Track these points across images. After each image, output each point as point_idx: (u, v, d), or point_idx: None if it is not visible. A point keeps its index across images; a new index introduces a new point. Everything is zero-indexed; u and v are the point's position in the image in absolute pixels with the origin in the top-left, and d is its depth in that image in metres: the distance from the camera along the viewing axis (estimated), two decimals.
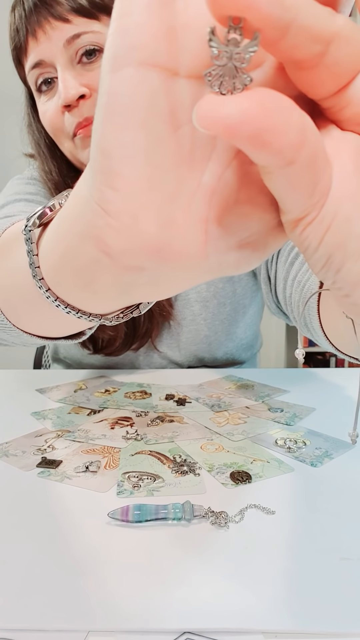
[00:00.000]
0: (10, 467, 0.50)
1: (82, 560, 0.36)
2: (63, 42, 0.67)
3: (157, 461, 0.50)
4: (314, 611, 0.31)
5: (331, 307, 0.54)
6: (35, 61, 0.69)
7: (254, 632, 0.30)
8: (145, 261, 0.22)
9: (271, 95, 0.17)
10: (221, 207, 0.22)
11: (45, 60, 0.68)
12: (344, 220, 0.19)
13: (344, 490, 0.45)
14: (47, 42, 0.67)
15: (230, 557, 0.36)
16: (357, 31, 0.18)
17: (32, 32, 0.67)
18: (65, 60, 0.68)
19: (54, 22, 0.66)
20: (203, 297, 0.83)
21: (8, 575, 0.35)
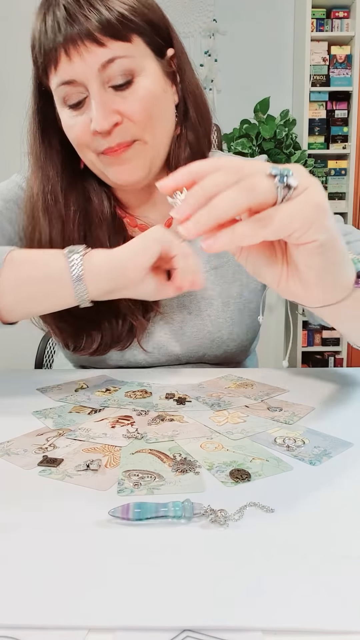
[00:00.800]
0: (11, 466, 0.50)
1: (83, 558, 0.37)
2: (98, 67, 0.67)
3: (157, 460, 0.50)
4: (313, 609, 0.32)
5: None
6: (67, 79, 0.69)
7: (253, 630, 0.30)
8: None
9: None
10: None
11: (77, 80, 0.68)
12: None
13: (342, 489, 0.45)
14: (81, 64, 0.67)
15: (230, 555, 0.37)
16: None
17: (66, 50, 0.67)
18: (99, 83, 0.68)
19: (89, 46, 0.66)
20: (209, 294, 0.84)
21: (9, 573, 0.35)
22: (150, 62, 0.71)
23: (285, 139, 2.55)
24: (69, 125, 0.73)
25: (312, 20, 2.90)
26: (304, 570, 0.35)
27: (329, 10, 2.95)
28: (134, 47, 0.69)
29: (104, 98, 0.69)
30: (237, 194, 0.40)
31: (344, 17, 2.95)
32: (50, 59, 0.69)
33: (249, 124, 2.58)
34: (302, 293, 0.49)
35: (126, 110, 0.70)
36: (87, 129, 0.71)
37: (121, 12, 0.66)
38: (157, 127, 0.73)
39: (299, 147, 2.64)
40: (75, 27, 0.66)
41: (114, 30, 0.66)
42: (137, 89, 0.70)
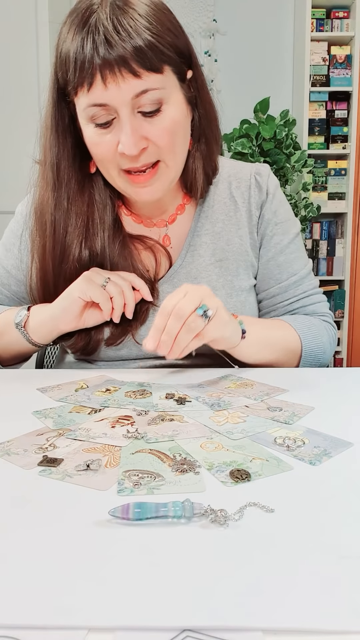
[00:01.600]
0: (11, 466, 0.50)
1: (83, 558, 0.37)
2: (132, 96, 0.71)
3: (157, 460, 0.50)
4: (313, 609, 0.32)
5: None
6: (100, 102, 0.72)
7: (253, 630, 0.30)
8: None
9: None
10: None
11: (110, 105, 0.72)
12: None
13: (342, 489, 0.45)
14: (116, 90, 0.70)
15: (230, 554, 0.37)
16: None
17: (102, 74, 0.69)
18: (130, 109, 0.72)
19: (125, 75, 0.69)
20: (213, 286, 0.86)
21: (9, 573, 0.35)
22: (176, 90, 0.76)
23: (285, 139, 2.55)
24: (94, 143, 0.76)
25: (312, 20, 2.90)
26: (304, 570, 0.35)
27: (329, 10, 2.96)
28: (164, 78, 0.72)
29: (135, 124, 0.72)
30: (187, 334, 0.70)
31: (344, 17, 2.95)
32: (84, 79, 0.71)
33: (249, 124, 2.58)
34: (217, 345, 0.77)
35: (153, 137, 0.74)
36: (114, 149, 0.74)
37: (154, 43, 0.70)
38: (178, 151, 0.78)
39: (299, 147, 2.64)
40: (112, 53, 0.68)
41: (148, 61, 0.70)
42: (164, 117, 0.74)
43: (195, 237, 0.88)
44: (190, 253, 0.88)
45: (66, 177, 0.82)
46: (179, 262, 0.87)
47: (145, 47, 0.69)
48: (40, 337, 0.83)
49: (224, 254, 0.88)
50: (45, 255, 0.84)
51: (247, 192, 0.89)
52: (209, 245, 0.88)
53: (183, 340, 0.69)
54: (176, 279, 0.87)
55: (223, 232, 0.88)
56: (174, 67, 0.74)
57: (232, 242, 0.88)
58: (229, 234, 0.88)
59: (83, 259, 0.83)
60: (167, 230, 0.89)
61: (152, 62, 0.70)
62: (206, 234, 0.88)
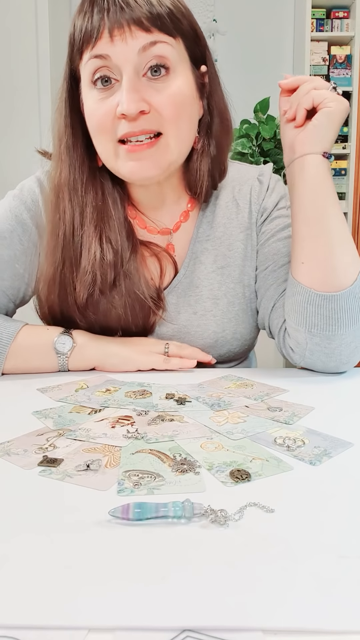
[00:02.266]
0: (11, 466, 0.50)
1: (83, 558, 0.37)
2: (138, 48, 0.68)
3: (157, 460, 0.50)
4: (313, 609, 0.32)
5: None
6: (101, 53, 0.69)
7: (253, 630, 0.30)
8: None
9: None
10: None
11: (112, 59, 0.69)
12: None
13: (342, 489, 0.46)
14: (122, 46, 0.68)
15: (230, 555, 0.37)
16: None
17: (110, 32, 0.68)
18: (133, 68, 0.69)
19: (135, 30, 0.68)
20: (215, 294, 0.85)
21: (9, 573, 0.35)
22: (186, 66, 0.74)
23: None
24: (92, 110, 0.73)
25: (312, 20, 2.90)
26: (304, 569, 0.35)
27: (329, 10, 2.96)
28: (176, 43, 0.71)
29: (137, 84, 0.70)
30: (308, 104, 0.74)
31: (344, 17, 2.96)
32: (89, 37, 0.69)
33: (249, 124, 2.58)
34: (297, 140, 0.76)
35: (156, 102, 0.71)
36: (112, 112, 0.71)
37: (172, 10, 0.69)
38: (181, 127, 0.74)
39: None
40: (125, 12, 0.67)
41: (162, 24, 0.68)
42: (170, 84, 0.71)
43: (197, 244, 0.86)
44: (192, 261, 0.85)
45: (79, 163, 0.79)
46: (182, 271, 0.85)
47: (160, 10, 0.68)
48: (76, 368, 0.81)
49: (226, 261, 0.85)
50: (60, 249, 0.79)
51: (248, 193, 0.86)
52: (210, 252, 0.86)
53: (307, 100, 0.73)
54: (180, 289, 0.85)
55: (224, 236, 0.86)
56: (187, 42, 0.73)
57: (234, 247, 0.86)
58: (230, 238, 0.86)
59: (104, 255, 0.78)
60: (172, 238, 0.86)
61: (166, 25, 0.69)
62: (207, 239, 0.86)
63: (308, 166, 0.75)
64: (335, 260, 0.74)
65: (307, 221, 0.75)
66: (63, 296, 0.81)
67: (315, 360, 0.77)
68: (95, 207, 0.79)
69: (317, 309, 0.74)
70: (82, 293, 0.79)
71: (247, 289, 0.87)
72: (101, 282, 0.78)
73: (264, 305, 0.85)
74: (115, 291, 0.80)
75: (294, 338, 0.78)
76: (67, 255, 0.79)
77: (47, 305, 0.84)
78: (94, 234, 0.79)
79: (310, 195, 0.75)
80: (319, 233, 0.75)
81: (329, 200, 0.75)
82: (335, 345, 0.74)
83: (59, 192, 0.79)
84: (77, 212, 0.79)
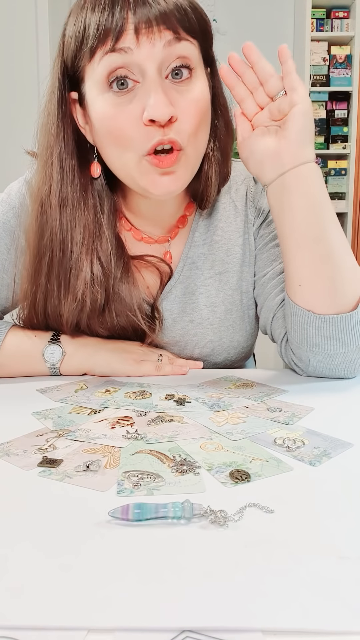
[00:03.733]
0: (11, 467, 0.50)
1: (82, 559, 0.37)
2: (164, 43, 0.63)
3: (157, 460, 0.50)
4: (313, 609, 0.32)
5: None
6: (124, 46, 0.62)
7: (253, 630, 0.30)
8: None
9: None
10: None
11: (135, 55, 0.63)
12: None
13: (342, 489, 0.45)
14: (148, 46, 0.63)
15: (229, 555, 0.37)
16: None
17: (136, 30, 0.62)
18: (156, 67, 0.63)
19: (164, 31, 0.63)
20: (212, 302, 0.82)
21: (8, 574, 0.35)
22: (202, 67, 0.70)
23: None
24: (109, 115, 0.65)
25: (312, 20, 2.91)
26: (303, 570, 0.35)
27: (329, 10, 2.96)
28: (195, 47, 0.67)
29: (164, 85, 0.64)
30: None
31: (344, 17, 2.96)
32: (108, 35, 0.62)
33: None
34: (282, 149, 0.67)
35: (181, 108, 0.65)
36: (137, 120, 0.64)
37: (195, 6, 0.66)
38: (200, 139, 0.69)
39: None
40: (154, 8, 0.62)
41: (188, 22, 0.65)
42: (194, 87, 0.67)
43: (193, 249, 0.82)
44: (187, 266, 0.82)
45: (70, 177, 0.72)
46: (175, 276, 0.81)
47: (190, 12, 0.65)
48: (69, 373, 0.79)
49: (224, 266, 0.82)
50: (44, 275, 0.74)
51: (244, 194, 0.83)
52: (208, 257, 0.82)
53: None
54: (173, 295, 0.81)
55: (222, 240, 0.82)
56: (203, 43, 0.69)
57: (232, 252, 0.82)
58: (228, 242, 0.82)
59: (94, 278, 0.73)
60: (169, 246, 0.82)
61: (192, 25, 0.65)
62: (204, 244, 0.82)
63: (305, 178, 0.67)
64: (337, 283, 0.69)
65: (305, 242, 0.68)
66: (49, 319, 0.78)
67: (318, 373, 0.75)
68: (86, 226, 0.73)
69: (317, 330, 0.70)
70: (70, 319, 0.76)
71: (244, 296, 0.84)
72: (90, 307, 0.74)
73: (264, 315, 0.82)
74: (106, 314, 0.76)
75: (296, 355, 0.75)
76: (53, 279, 0.74)
77: (30, 324, 0.80)
78: (84, 255, 0.73)
79: (309, 214, 0.67)
80: (319, 255, 0.68)
81: (328, 216, 0.69)
82: (338, 362, 0.72)
83: (47, 210, 0.73)
84: (68, 233, 0.73)
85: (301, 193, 0.67)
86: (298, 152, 0.66)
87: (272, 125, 0.68)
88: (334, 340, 0.70)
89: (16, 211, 0.79)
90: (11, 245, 0.80)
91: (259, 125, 0.68)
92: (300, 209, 0.68)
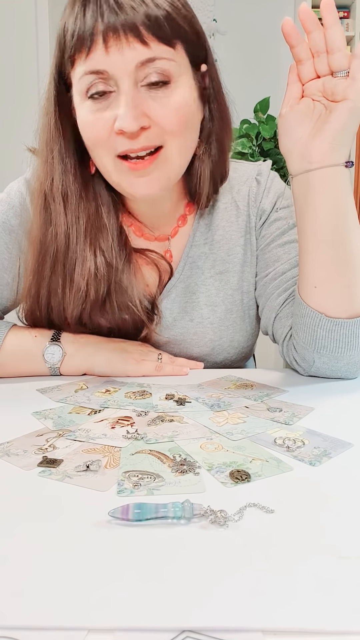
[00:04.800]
0: (11, 467, 0.50)
1: (82, 559, 0.37)
2: (136, 63, 0.63)
3: (157, 460, 0.50)
4: (313, 609, 0.32)
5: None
6: (97, 69, 0.64)
7: (253, 630, 0.30)
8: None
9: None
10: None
11: (109, 72, 0.64)
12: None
13: (342, 489, 0.45)
14: (119, 58, 0.63)
15: (229, 555, 0.37)
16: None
17: (105, 39, 0.62)
18: (132, 81, 0.64)
19: (132, 41, 0.62)
20: (212, 301, 0.83)
21: (8, 574, 0.35)
22: (187, 72, 0.68)
23: None
24: (87, 122, 0.68)
25: None
26: (304, 570, 0.35)
27: None
28: (176, 53, 0.65)
29: (136, 97, 0.64)
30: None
31: (344, 17, 2.96)
32: (82, 45, 0.64)
33: (249, 124, 2.58)
34: (313, 145, 0.65)
35: (157, 116, 0.66)
36: (110, 127, 0.66)
37: (170, 13, 0.63)
38: (185, 138, 0.69)
39: None
40: (120, 16, 0.61)
41: (161, 31, 0.63)
42: (173, 95, 0.66)
43: (194, 248, 0.82)
44: (188, 265, 0.82)
45: (72, 171, 0.73)
46: (176, 275, 0.82)
47: (159, 16, 0.62)
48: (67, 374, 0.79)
49: (225, 266, 0.82)
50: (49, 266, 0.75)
51: (247, 194, 0.83)
52: (209, 256, 0.82)
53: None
54: (174, 294, 0.82)
55: (223, 240, 0.82)
56: (188, 46, 0.67)
57: (233, 252, 0.82)
58: (229, 242, 0.82)
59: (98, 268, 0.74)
60: (170, 244, 0.82)
61: (165, 33, 0.63)
62: (205, 243, 0.82)
63: (331, 181, 0.65)
64: (353, 288, 0.68)
65: (326, 244, 0.68)
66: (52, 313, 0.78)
67: (321, 374, 0.75)
68: (89, 217, 0.75)
69: (328, 333, 0.70)
70: (73, 311, 0.76)
71: (245, 296, 0.84)
72: (94, 297, 0.75)
73: (266, 316, 0.82)
74: (107, 305, 0.77)
75: (300, 354, 0.75)
76: (58, 271, 0.75)
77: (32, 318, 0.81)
78: (88, 246, 0.75)
79: (332, 217, 0.67)
80: (339, 259, 0.68)
81: (351, 221, 0.67)
82: (342, 364, 0.73)
83: (51, 203, 0.74)
84: (72, 225, 0.74)
85: (325, 195, 0.66)
86: (329, 152, 0.64)
87: (321, 102, 0.65)
88: (342, 343, 0.70)
89: (16, 210, 0.80)
90: (11, 244, 0.80)
91: (309, 95, 0.66)
92: (323, 211, 0.67)
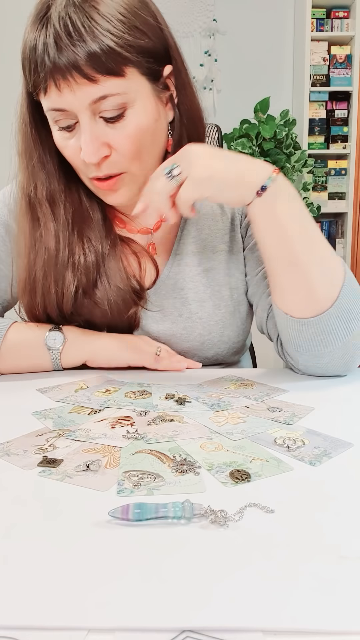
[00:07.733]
0: (11, 467, 0.50)
1: (83, 559, 0.37)
2: (89, 102, 0.66)
3: (157, 460, 0.50)
4: (313, 609, 0.32)
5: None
6: (57, 107, 0.68)
7: (253, 630, 0.30)
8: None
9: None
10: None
11: (67, 110, 0.68)
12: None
13: (342, 489, 0.45)
14: (72, 97, 0.66)
15: (230, 555, 0.37)
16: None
17: (55, 81, 0.65)
18: (89, 115, 0.67)
19: (80, 81, 0.64)
20: (200, 297, 0.84)
21: (9, 574, 0.35)
22: (144, 91, 0.69)
23: (285, 139, 2.56)
24: (61, 146, 0.73)
25: (312, 20, 2.90)
26: (303, 570, 0.35)
27: (329, 10, 2.96)
28: (127, 81, 0.67)
29: (94, 130, 0.68)
30: (158, 197, 0.67)
31: (344, 17, 2.96)
32: (39, 84, 0.67)
33: (249, 124, 2.59)
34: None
35: (116, 144, 0.70)
36: (78, 154, 0.71)
37: (111, 47, 0.63)
38: (145, 158, 0.74)
39: (299, 147, 2.64)
40: (62, 58, 0.63)
41: (105, 65, 0.64)
42: (128, 123, 0.69)
43: (181, 246, 0.85)
44: (176, 262, 0.85)
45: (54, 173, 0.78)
46: (165, 272, 0.84)
47: (101, 52, 0.63)
48: (69, 363, 0.81)
49: (210, 263, 0.85)
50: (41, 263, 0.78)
51: None
52: (195, 254, 0.85)
53: (155, 202, 0.67)
54: (163, 291, 0.84)
55: (209, 238, 0.85)
56: (141, 68, 0.68)
57: (219, 250, 0.85)
58: (215, 240, 0.85)
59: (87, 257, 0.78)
60: (152, 238, 0.85)
61: (110, 66, 0.64)
62: (192, 241, 0.85)
63: (257, 215, 0.69)
64: (313, 288, 0.70)
65: (279, 268, 0.71)
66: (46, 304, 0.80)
67: (310, 372, 0.76)
68: (75, 210, 0.79)
69: (298, 333, 0.72)
70: (67, 300, 0.78)
71: (234, 292, 0.85)
72: (85, 283, 0.78)
73: (259, 315, 0.84)
74: (98, 289, 0.79)
75: (289, 353, 0.77)
76: (50, 268, 0.78)
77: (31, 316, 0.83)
78: (77, 238, 0.78)
79: (274, 246, 0.70)
80: (292, 275, 0.70)
81: (295, 237, 0.69)
82: (325, 361, 0.73)
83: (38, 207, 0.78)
84: (61, 224, 0.78)
85: (259, 225, 0.70)
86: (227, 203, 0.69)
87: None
88: (315, 341, 0.72)
89: (11, 208, 0.85)
90: (7, 237, 0.85)
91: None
92: (264, 237, 0.71)
